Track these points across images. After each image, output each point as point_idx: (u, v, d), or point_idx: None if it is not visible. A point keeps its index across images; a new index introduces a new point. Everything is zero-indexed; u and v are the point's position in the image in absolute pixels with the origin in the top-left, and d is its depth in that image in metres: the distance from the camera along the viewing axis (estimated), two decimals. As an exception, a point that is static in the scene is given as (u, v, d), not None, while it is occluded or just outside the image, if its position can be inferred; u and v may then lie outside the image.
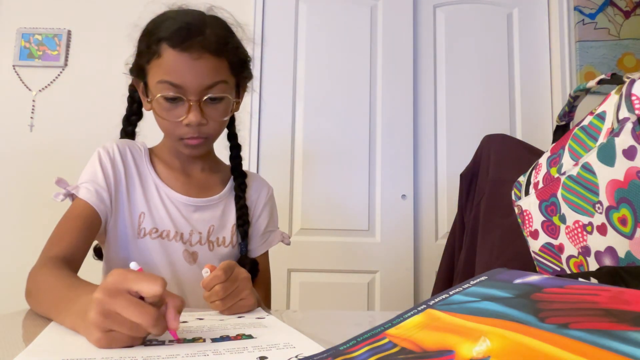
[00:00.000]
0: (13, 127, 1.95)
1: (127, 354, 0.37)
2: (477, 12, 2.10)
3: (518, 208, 0.62)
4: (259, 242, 0.90)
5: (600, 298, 0.23)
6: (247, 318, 0.55)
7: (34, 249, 2.07)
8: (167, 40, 0.70)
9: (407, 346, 0.26)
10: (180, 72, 0.70)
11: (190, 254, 0.80)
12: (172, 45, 0.70)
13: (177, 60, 0.69)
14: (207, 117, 0.72)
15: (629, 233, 0.42)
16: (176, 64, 0.70)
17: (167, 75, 0.70)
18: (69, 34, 2.01)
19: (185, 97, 0.71)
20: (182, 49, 0.69)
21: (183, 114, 0.71)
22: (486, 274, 0.32)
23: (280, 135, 1.97)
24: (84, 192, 0.73)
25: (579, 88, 0.59)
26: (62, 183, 0.74)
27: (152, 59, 0.72)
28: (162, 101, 0.72)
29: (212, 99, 0.72)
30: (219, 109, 0.74)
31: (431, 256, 1.92)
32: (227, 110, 0.76)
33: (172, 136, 0.76)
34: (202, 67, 0.70)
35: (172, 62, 0.70)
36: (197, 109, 0.71)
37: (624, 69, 2.00)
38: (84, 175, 0.76)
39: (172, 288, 0.76)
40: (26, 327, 0.52)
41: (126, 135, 0.85)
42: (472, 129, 1.98)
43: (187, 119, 0.71)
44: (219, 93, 0.72)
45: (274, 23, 2.03)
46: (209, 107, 0.73)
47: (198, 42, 0.70)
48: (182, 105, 0.72)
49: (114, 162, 0.77)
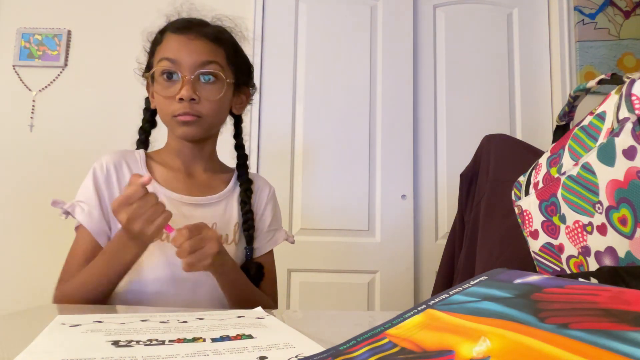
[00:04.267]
0: (13, 127, 1.95)
1: (127, 353, 0.37)
2: (477, 12, 2.10)
3: (518, 208, 0.62)
4: (264, 240, 0.90)
5: (600, 298, 0.23)
6: (247, 318, 0.55)
7: (34, 249, 2.06)
8: (170, 28, 0.79)
9: (407, 346, 0.26)
10: (176, 49, 0.77)
11: None
12: (173, 30, 0.79)
13: (175, 40, 0.78)
14: (199, 95, 0.77)
15: (629, 233, 0.42)
16: (174, 43, 0.78)
17: (165, 52, 0.77)
18: (69, 34, 2.01)
19: (180, 73, 0.76)
20: (181, 32, 0.78)
21: (177, 91, 0.77)
22: (486, 274, 0.32)
23: (280, 135, 1.97)
24: (79, 211, 0.77)
25: (579, 88, 0.59)
26: (58, 203, 0.77)
27: (156, 48, 0.80)
28: (160, 79, 0.78)
29: (205, 78, 0.78)
30: (211, 89, 0.78)
31: (431, 256, 1.92)
32: (221, 92, 0.79)
33: (167, 116, 0.79)
34: (197, 46, 0.77)
35: (170, 42, 0.78)
36: (189, 85, 0.76)
37: (624, 69, 2.00)
38: (80, 194, 0.80)
39: (170, 287, 0.77)
40: (26, 327, 0.52)
41: (141, 143, 0.89)
42: (472, 129, 1.98)
43: (180, 94, 0.76)
44: (212, 70, 0.78)
45: (273, 23, 2.03)
46: (201, 85, 0.78)
47: (197, 29, 0.78)
48: (178, 83, 0.77)
49: (108, 177, 0.80)
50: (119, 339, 0.42)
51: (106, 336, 0.43)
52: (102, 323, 0.49)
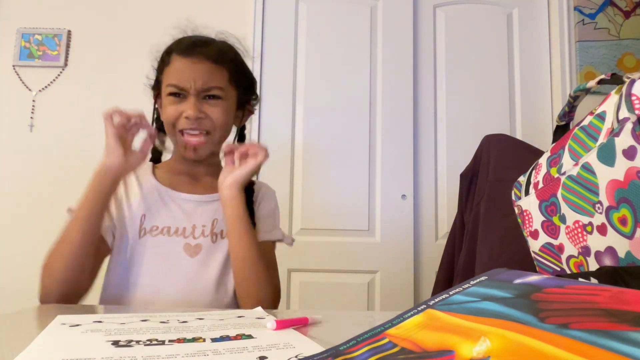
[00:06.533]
0: (13, 127, 1.95)
1: (127, 353, 0.37)
2: (477, 12, 2.10)
3: (518, 208, 0.62)
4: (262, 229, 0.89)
5: (600, 298, 0.23)
6: (247, 318, 0.55)
7: (33, 248, 2.06)
8: (176, 50, 0.84)
9: (407, 346, 0.26)
10: (182, 73, 0.82)
11: (192, 247, 0.83)
12: (179, 53, 0.83)
13: (180, 64, 0.83)
14: (205, 113, 0.82)
15: (629, 233, 0.42)
16: (179, 66, 0.83)
17: (172, 78, 0.83)
18: (69, 34, 2.01)
19: (186, 95, 0.82)
20: (185, 55, 0.82)
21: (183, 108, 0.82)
22: (486, 274, 0.32)
23: (280, 135, 1.97)
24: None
25: (579, 88, 0.59)
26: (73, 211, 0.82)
27: (164, 68, 0.85)
28: (168, 99, 0.83)
29: (209, 97, 0.83)
30: (216, 108, 0.83)
31: (431, 256, 1.92)
32: (226, 112, 0.85)
33: (174, 132, 0.84)
34: (201, 70, 0.82)
35: (176, 66, 0.83)
36: (194, 103, 0.81)
37: (624, 69, 2.00)
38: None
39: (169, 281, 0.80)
40: (26, 327, 0.52)
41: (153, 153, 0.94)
42: (472, 129, 1.98)
43: (186, 112, 0.81)
44: (215, 93, 0.83)
45: (274, 23, 2.03)
46: (206, 104, 0.83)
47: (200, 51, 0.82)
48: (184, 102, 0.82)
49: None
50: (119, 339, 0.42)
51: (106, 336, 0.43)
52: (102, 323, 0.49)
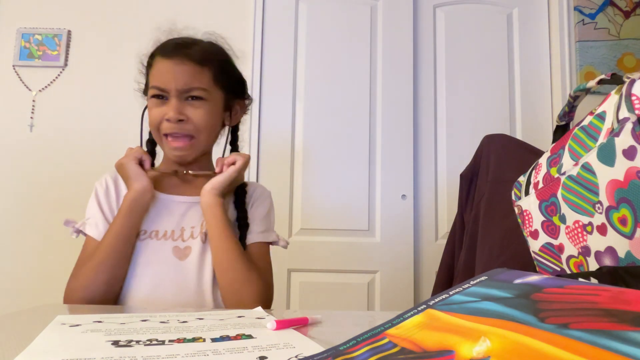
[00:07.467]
0: (13, 127, 1.95)
1: (127, 353, 0.37)
2: (477, 12, 2.10)
3: (518, 208, 0.62)
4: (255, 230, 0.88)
5: (600, 298, 0.23)
6: (247, 318, 0.55)
7: (33, 248, 2.06)
8: (160, 53, 0.83)
9: (407, 346, 0.26)
10: (164, 75, 0.81)
11: (181, 250, 0.82)
12: (162, 55, 0.82)
13: (163, 66, 0.82)
14: (186, 115, 0.81)
15: (629, 233, 0.42)
16: (161, 68, 0.82)
17: (155, 80, 0.82)
18: (69, 34, 2.01)
19: (169, 97, 0.81)
20: (168, 56, 0.82)
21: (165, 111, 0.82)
22: (486, 274, 0.32)
23: (280, 135, 1.97)
24: (89, 228, 0.84)
25: (579, 88, 0.58)
26: (70, 223, 0.84)
27: (149, 72, 0.85)
28: (151, 102, 0.83)
29: (192, 98, 0.82)
30: (198, 110, 0.82)
31: (431, 256, 1.92)
32: (209, 113, 0.84)
33: (158, 135, 0.85)
34: (183, 71, 0.81)
35: (158, 68, 0.82)
36: (175, 105, 0.81)
37: (624, 69, 2.00)
38: (88, 211, 0.87)
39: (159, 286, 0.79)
40: (26, 327, 0.52)
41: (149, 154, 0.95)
42: (472, 129, 1.98)
43: (167, 114, 0.81)
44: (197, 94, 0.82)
45: (274, 23, 2.03)
46: (189, 106, 0.82)
47: (183, 52, 0.81)
48: (166, 103, 0.82)
49: (107, 192, 0.87)
50: (119, 339, 0.42)
51: (106, 336, 0.43)
52: (102, 323, 0.49)
